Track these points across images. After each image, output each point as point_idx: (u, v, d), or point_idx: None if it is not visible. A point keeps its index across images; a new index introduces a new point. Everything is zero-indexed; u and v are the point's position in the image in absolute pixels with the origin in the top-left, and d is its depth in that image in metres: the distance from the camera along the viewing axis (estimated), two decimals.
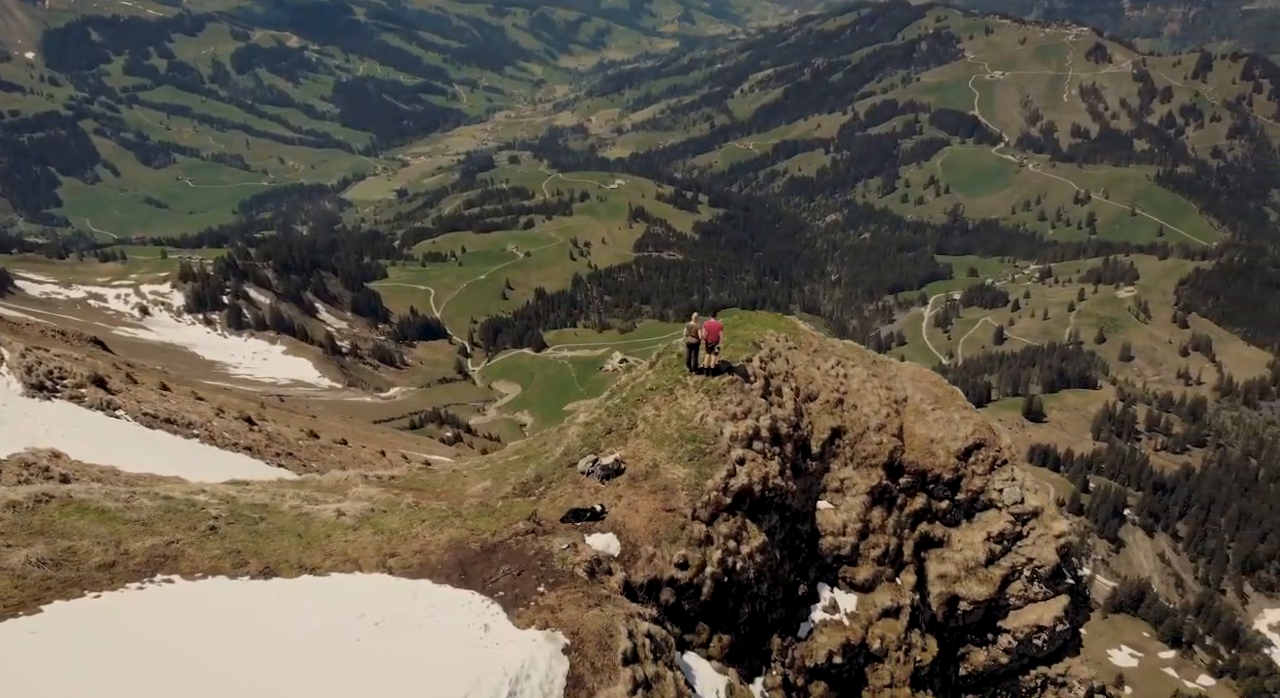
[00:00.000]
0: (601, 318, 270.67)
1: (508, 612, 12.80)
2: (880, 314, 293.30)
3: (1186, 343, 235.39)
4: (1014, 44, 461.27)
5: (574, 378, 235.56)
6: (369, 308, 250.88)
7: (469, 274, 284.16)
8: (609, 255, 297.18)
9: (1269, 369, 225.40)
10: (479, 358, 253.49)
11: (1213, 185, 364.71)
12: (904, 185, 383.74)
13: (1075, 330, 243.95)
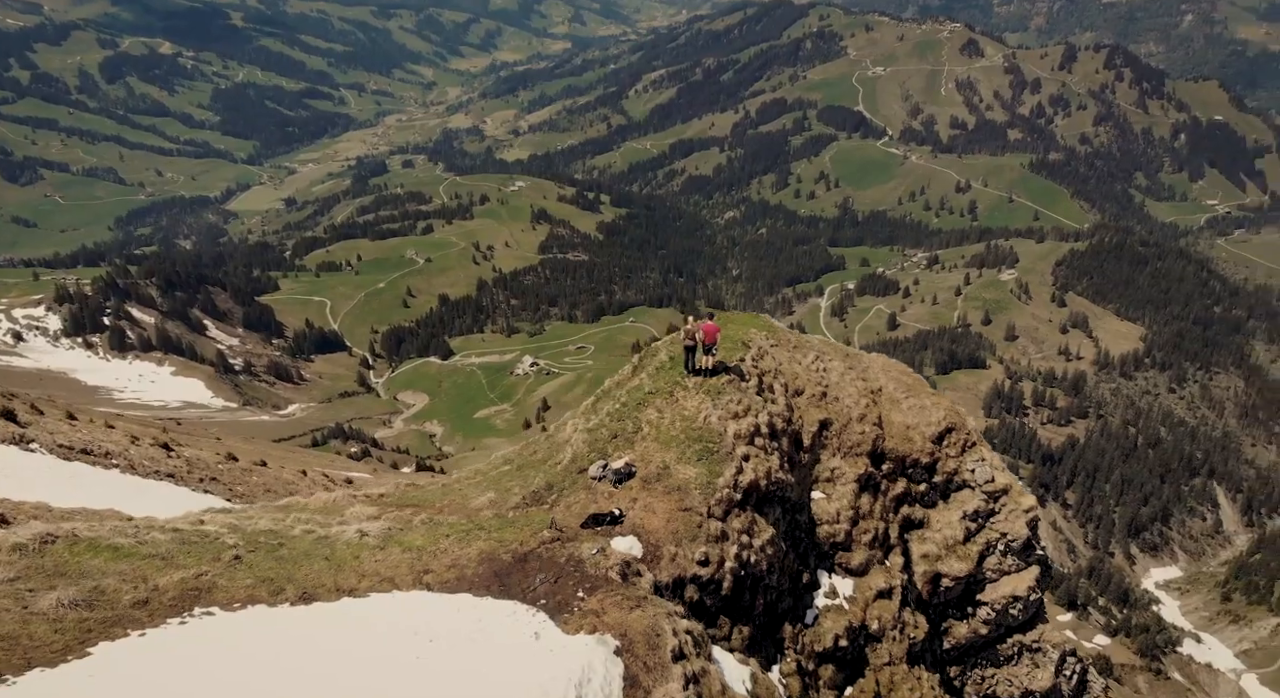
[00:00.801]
0: (509, 322, 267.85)
1: (553, 619, 12.95)
2: (780, 306, 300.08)
3: (1065, 321, 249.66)
4: (893, 41, 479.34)
5: (484, 384, 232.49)
6: (261, 323, 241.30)
7: (367, 283, 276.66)
8: (513, 258, 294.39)
9: (1141, 342, 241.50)
10: (382, 369, 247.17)
11: (1082, 171, 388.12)
12: (796, 181, 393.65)
13: (963, 314, 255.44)
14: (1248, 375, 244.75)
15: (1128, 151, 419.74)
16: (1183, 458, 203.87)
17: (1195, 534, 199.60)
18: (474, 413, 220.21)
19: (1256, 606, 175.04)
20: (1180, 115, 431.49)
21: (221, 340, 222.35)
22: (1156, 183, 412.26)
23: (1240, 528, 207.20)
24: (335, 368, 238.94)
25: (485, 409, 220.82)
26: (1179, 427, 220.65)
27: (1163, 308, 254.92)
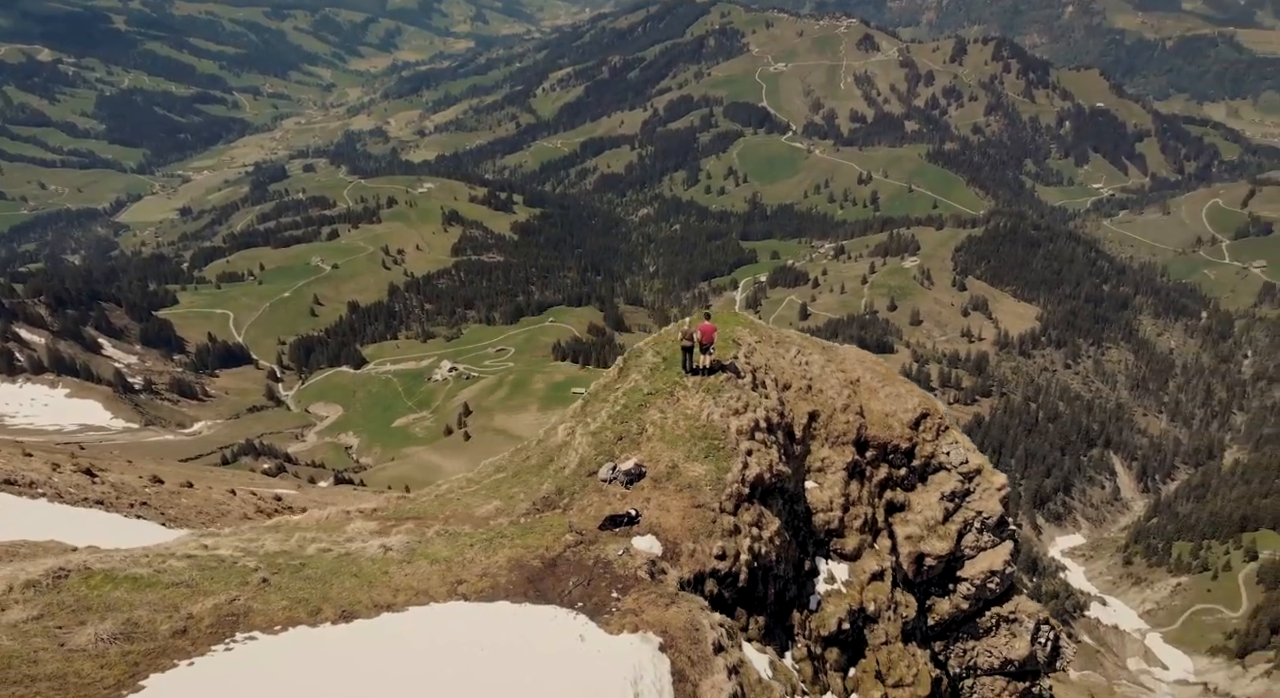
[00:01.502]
0: (424, 327, 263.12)
1: (594, 620, 13.18)
2: (697, 301, 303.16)
3: (966, 304, 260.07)
4: (793, 37, 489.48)
5: (400, 392, 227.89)
6: (161, 339, 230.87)
7: (271, 293, 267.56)
8: (425, 262, 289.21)
9: (1038, 322, 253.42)
10: (292, 381, 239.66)
11: (975, 159, 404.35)
12: (706, 177, 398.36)
13: (870, 301, 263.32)
14: (1136, 349, 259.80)
15: (1017, 139, 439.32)
16: (1080, 430, 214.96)
17: (1096, 503, 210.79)
18: (391, 422, 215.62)
19: (1156, 567, 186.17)
20: (1065, 103, 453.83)
21: (119, 359, 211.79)
22: (1045, 169, 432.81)
23: (1137, 494, 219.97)
24: (242, 382, 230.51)
25: (403, 417, 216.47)
26: (1076, 401, 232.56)
27: (1056, 288, 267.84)
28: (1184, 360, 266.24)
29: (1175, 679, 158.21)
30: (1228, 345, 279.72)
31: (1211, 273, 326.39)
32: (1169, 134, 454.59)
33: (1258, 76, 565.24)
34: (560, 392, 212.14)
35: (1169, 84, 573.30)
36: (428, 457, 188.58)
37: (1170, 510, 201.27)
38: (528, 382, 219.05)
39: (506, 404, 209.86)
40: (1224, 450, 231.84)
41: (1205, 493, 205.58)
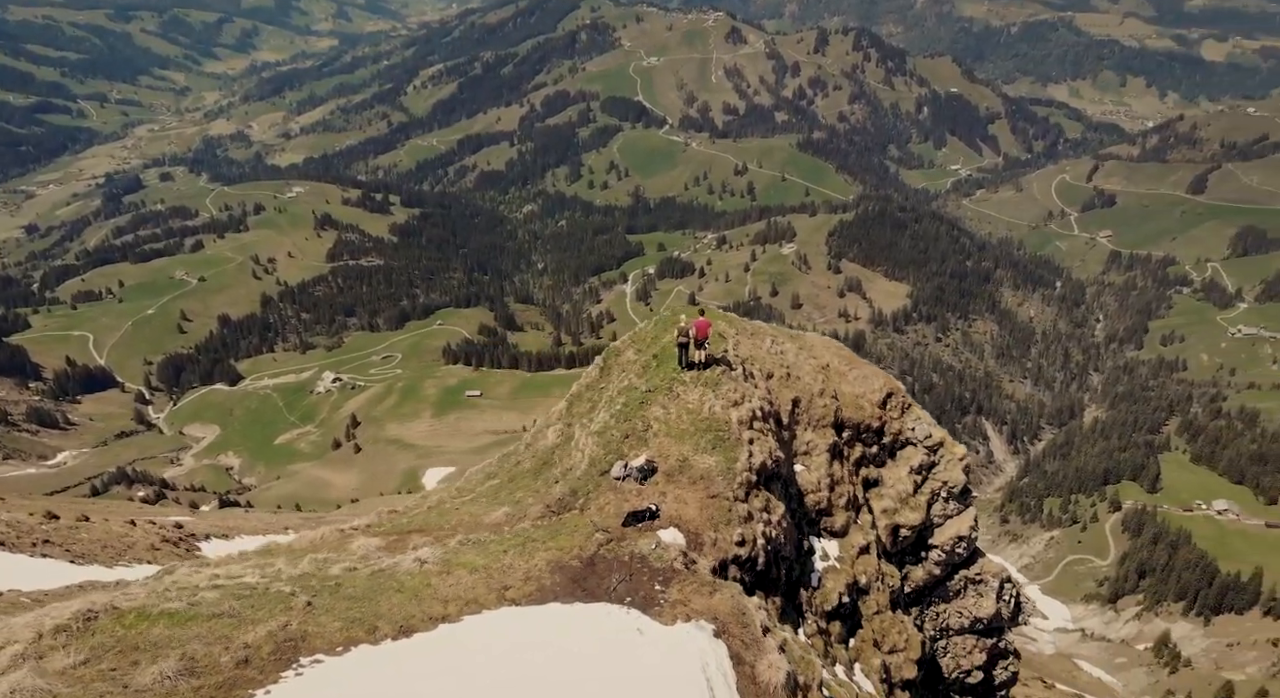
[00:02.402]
0: (303, 338, 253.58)
1: (646, 613, 13.45)
2: (588, 295, 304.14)
3: (842, 286, 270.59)
4: (663, 31, 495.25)
5: (282, 407, 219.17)
6: (14, 366, 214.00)
7: (133, 311, 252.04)
8: (299, 269, 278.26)
9: (908, 299, 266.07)
10: (162, 403, 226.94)
11: (843, 147, 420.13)
12: (589, 172, 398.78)
13: (753, 288, 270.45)
14: (1000, 320, 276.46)
15: (880, 126, 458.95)
16: (954, 399, 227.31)
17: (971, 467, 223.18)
18: (274, 439, 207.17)
19: (1030, 523, 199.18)
20: (922, 90, 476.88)
21: None
22: (907, 153, 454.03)
23: (1008, 456, 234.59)
24: (107, 407, 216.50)
25: (287, 433, 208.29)
26: (948, 372, 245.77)
27: (923, 266, 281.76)
28: (1043, 328, 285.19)
29: (1055, 628, 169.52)
30: (1081, 312, 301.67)
31: (1063, 244, 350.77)
32: (1018, 115, 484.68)
33: (1095, 58, 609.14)
34: (454, 396, 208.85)
35: (1015, 68, 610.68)
36: (317, 473, 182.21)
37: (1039, 470, 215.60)
38: (419, 388, 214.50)
39: (397, 413, 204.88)
40: (1084, 410, 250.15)
41: (1070, 451, 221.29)
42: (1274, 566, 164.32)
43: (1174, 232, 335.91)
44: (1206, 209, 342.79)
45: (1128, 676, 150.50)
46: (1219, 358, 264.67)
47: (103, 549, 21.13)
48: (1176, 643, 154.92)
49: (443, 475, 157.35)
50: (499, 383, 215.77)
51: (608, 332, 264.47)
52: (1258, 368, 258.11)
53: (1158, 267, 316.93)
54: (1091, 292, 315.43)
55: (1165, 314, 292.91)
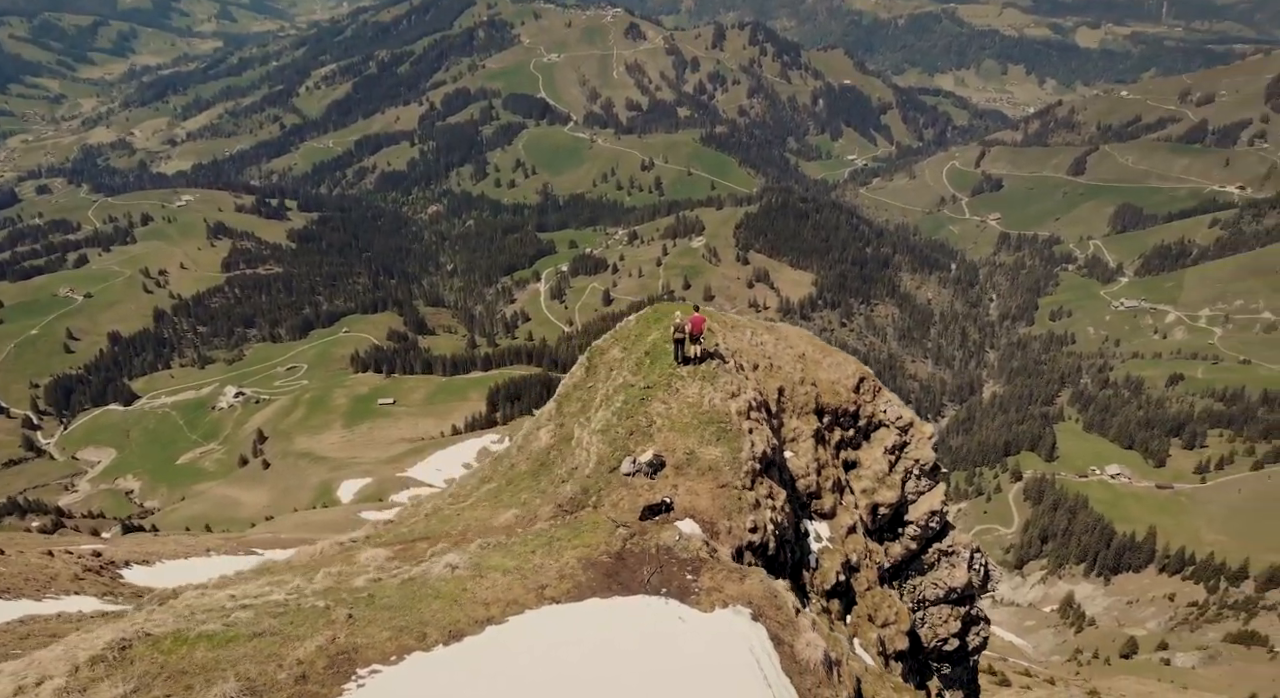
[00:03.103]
0: (200, 352, 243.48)
1: (684, 602, 13.84)
2: (502, 296, 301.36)
3: (750, 276, 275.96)
4: (562, 27, 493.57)
5: (182, 426, 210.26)
6: None
7: (15, 332, 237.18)
8: (193, 281, 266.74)
9: (814, 287, 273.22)
10: (52, 427, 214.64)
11: (744, 140, 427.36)
12: (495, 170, 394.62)
13: (666, 281, 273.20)
14: (900, 303, 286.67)
15: (779, 119, 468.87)
16: None
17: None
18: (176, 459, 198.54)
19: None
20: (816, 82, 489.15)
21: None
22: (805, 145, 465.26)
23: None
24: None
25: (189, 453, 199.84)
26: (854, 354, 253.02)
27: (826, 255, 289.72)
28: (940, 309, 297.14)
29: None
30: (975, 292, 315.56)
31: (956, 228, 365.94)
32: (908, 105, 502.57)
33: (978, 48, 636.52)
34: (366, 405, 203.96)
35: (904, 59, 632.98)
36: (224, 492, 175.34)
37: (944, 445, 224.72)
38: (328, 398, 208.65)
39: (307, 425, 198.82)
40: (982, 386, 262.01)
41: (971, 426, 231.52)
42: (1166, 525, 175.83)
43: (1058, 212, 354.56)
44: (1087, 189, 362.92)
45: (1037, 637, 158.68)
46: (1104, 330, 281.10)
47: (26, 582, 20.24)
48: (1080, 604, 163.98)
49: (359, 488, 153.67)
50: (412, 389, 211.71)
51: (523, 332, 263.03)
52: (1140, 338, 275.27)
53: (1044, 246, 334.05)
54: (984, 272, 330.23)
55: (1053, 291, 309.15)
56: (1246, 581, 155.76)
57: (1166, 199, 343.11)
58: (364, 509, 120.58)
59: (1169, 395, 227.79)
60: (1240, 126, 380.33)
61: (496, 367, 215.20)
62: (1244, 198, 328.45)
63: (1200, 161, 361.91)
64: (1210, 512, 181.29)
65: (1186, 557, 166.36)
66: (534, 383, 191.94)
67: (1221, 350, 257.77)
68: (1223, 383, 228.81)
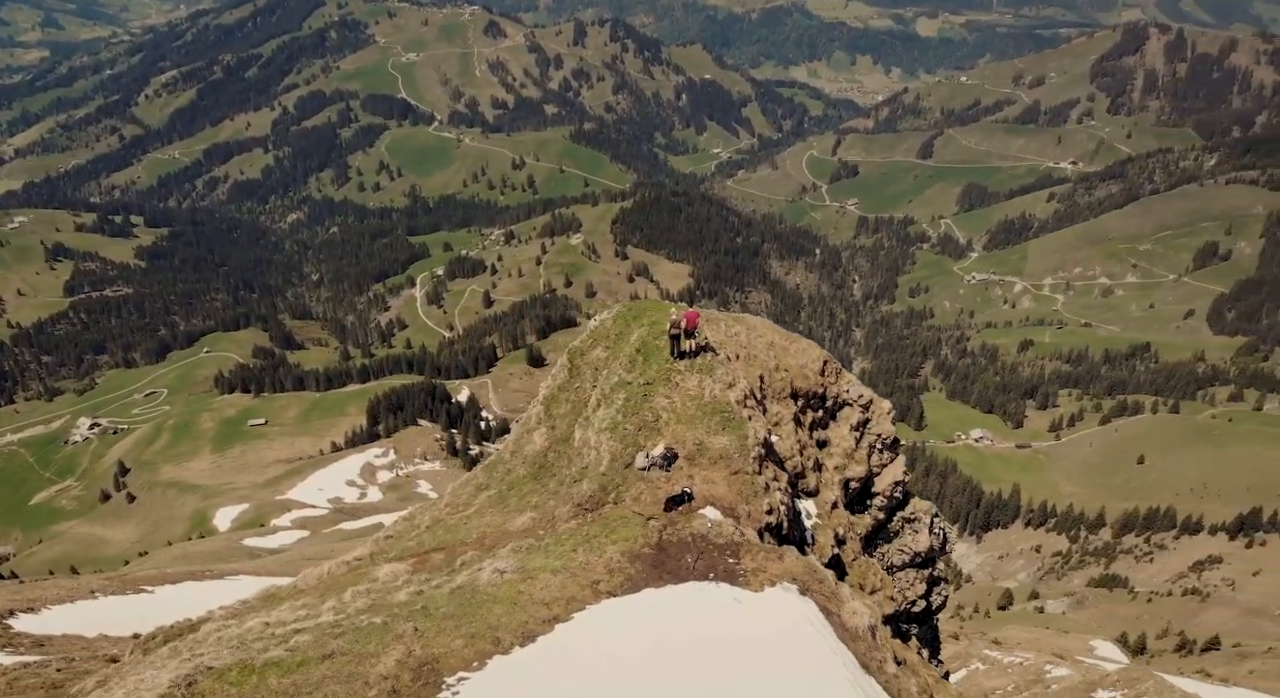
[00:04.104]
0: (46, 383, 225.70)
1: (733, 584, 14.39)
2: (375, 303, 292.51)
3: (630, 271, 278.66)
4: (418, 26, 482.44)
5: (33, 463, 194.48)
6: None
7: None
8: (33, 308, 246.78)
9: (691, 278, 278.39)
10: None
11: (614, 136, 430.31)
12: (357, 174, 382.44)
13: (547, 280, 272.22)
14: (772, 289, 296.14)
15: (645, 115, 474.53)
16: None
17: None
18: (29, 499, 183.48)
19: None
20: (678, 78, 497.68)
21: None
22: (672, 139, 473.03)
23: None
24: None
25: (44, 492, 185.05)
26: None
27: (700, 246, 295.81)
28: (809, 292, 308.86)
29: None
30: (839, 275, 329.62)
31: (818, 215, 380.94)
32: (766, 98, 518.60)
33: (827, 40, 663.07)
34: (236, 427, 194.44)
35: (759, 52, 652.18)
36: (87, 530, 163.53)
37: None
38: (193, 423, 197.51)
39: (172, 453, 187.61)
40: (852, 363, 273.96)
41: None
42: (1028, 482, 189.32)
43: (910, 194, 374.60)
44: (935, 172, 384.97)
45: None
46: (959, 303, 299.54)
47: None
48: (957, 562, 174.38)
49: (236, 514, 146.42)
50: (285, 408, 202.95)
51: (400, 340, 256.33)
52: (992, 309, 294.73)
53: (900, 227, 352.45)
54: (846, 255, 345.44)
55: (910, 269, 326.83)
56: (1104, 528, 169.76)
57: (1007, 177, 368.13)
58: (247, 537, 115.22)
59: (1021, 361, 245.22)
60: (1069, 106, 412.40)
61: (375, 378, 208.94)
62: (1076, 172, 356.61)
63: (1036, 140, 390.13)
64: (1066, 467, 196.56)
65: (1049, 510, 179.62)
66: (417, 392, 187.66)
67: (1065, 316, 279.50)
68: (1068, 346, 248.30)
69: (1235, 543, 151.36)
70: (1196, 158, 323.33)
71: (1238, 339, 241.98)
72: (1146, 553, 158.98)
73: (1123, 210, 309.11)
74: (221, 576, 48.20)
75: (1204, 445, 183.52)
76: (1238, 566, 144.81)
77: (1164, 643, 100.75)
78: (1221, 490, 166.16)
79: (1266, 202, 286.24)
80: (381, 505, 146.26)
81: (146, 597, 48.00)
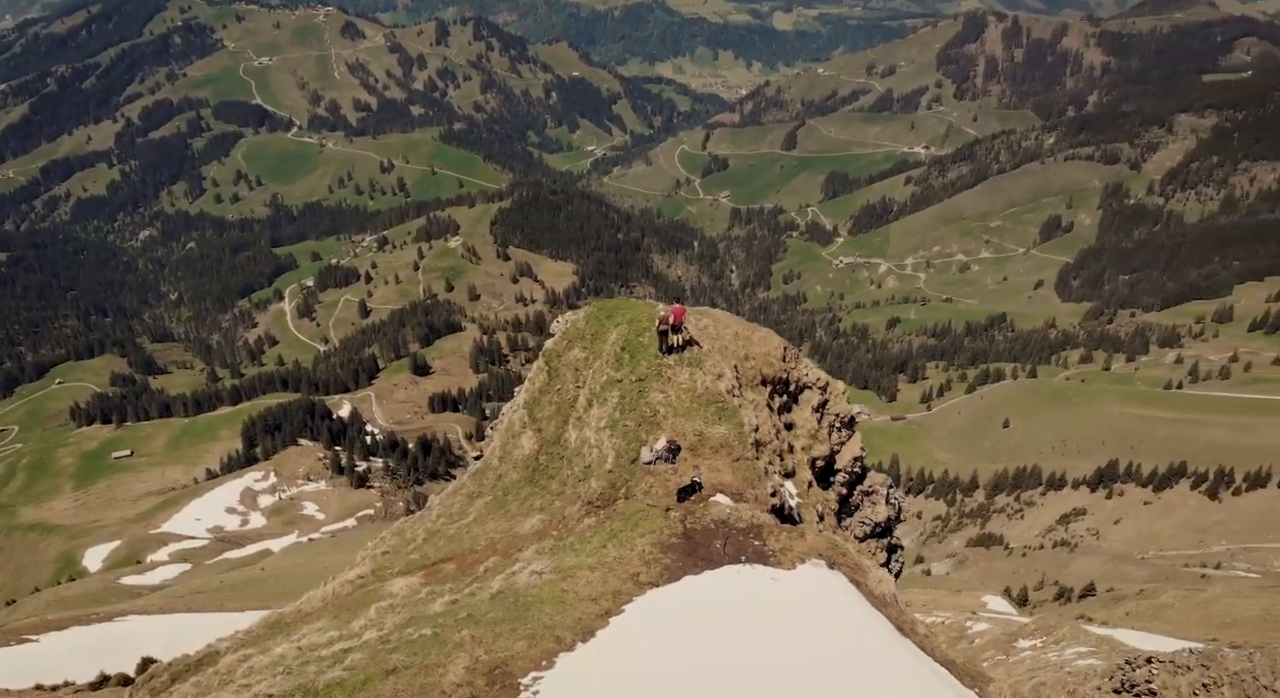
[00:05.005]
0: None
1: (766, 565, 14.94)
2: (240, 321, 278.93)
3: (513, 272, 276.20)
4: (270, 29, 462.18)
5: None
6: None
7: None
8: None
9: (576, 276, 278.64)
10: None
11: (485, 136, 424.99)
12: (213, 185, 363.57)
13: (427, 286, 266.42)
14: (655, 282, 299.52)
15: (516, 113, 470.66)
16: None
17: None
18: None
19: None
20: (547, 76, 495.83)
21: None
22: (545, 138, 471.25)
23: None
24: None
25: None
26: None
27: (582, 244, 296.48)
28: (690, 284, 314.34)
29: None
30: (717, 265, 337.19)
31: (693, 208, 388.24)
32: (635, 94, 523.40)
33: (690, 35, 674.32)
34: (98, 461, 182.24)
35: (624, 49, 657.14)
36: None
37: None
38: (50, 460, 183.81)
39: (29, 493, 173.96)
40: None
41: None
42: (905, 452, 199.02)
43: (778, 184, 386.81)
44: (800, 162, 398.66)
45: None
46: (830, 287, 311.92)
47: None
48: None
49: (108, 553, 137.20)
50: (152, 436, 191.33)
51: (271, 357, 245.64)
52: (860, 290, 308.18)
53: (770, 217, 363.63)
54: (722, 246, 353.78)
55: (783, 257, 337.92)
56: (977, 490, 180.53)
57: (867, 164, 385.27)
58: (124, 575, 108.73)
59: (890, 338, 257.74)
60: (919, 93, 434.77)
61: (248, 398, 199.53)
62: (929, 156, 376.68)
63: (891, 128, 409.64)
64: (939, 435, 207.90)
65: (926, 477, 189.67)
66: (295, 410, 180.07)
67: (927, 292, 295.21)
68: (932, 321, 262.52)
69: (1096, 495, 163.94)
70: (1037, 137, 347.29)
71: (1084, 305, 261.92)
72: (1018, 511, 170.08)
73: (973, 190, 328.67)
74: (110, 618, 45.43)
75: (1061, 406, 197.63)
76: (1100, 515, 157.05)
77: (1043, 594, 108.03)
78: (1079, 447, 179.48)
79: (1102, 175, 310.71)
80: (266, 531, 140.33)
81: (33, 647, 44.95)
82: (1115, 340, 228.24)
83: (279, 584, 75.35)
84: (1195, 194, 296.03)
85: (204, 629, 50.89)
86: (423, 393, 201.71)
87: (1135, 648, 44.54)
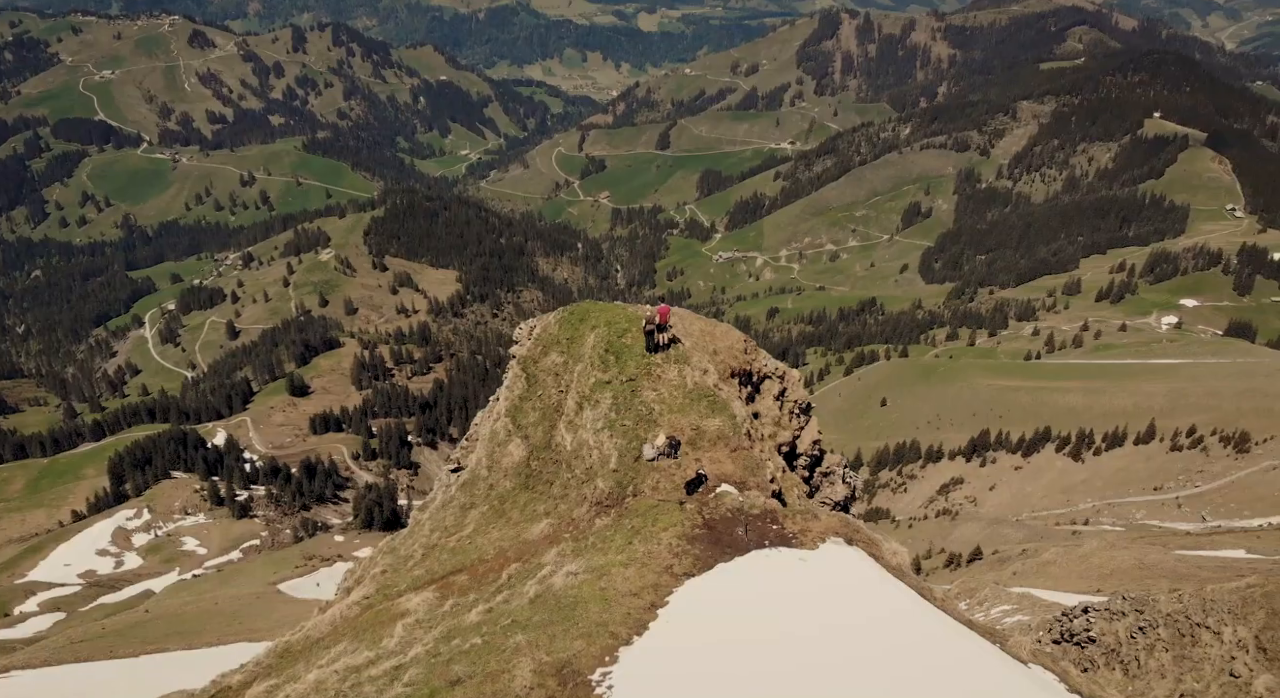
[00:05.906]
0: None
1: (789, 547, 15.58)
2: (97, 351, 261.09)
3: (392, 283, 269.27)
4: (110, 41, 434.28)
5: None
6: None
7: None
8: None
9: (459, 283, 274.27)
10: None
11: (352, 144, 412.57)
12: (56, 208, 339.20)
13: (299, 302, 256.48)
14: (542, 286, 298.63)
15: (383, 119, 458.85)
16: None
17: None
18: None
19: None
20: (413, 80, 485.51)
21: None
22: (416, 143, 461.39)
23: None
24: None
25: None
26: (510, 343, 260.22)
27: (464, 251, 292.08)
28: (577, 285, 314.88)
29: None
30: (603, 266, 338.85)
31: (574, 210, 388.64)
32: (506, 97, 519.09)
33: (557, 37, 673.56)
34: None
35: (492, 52, 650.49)
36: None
37: None
38: None
39: None
40: None
41: None
42: None
43: (655, 184, 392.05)
44: (674, 160, 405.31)
45: None
46: (711, 281, 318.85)
47: None
48: None
49: None
50: (7, 480, 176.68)
51: (134, 387, 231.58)
52: (739, 283, 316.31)
53: (650, 216, 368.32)
54: (606, 247, 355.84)
55: (665, 255, 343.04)
56: (862, 467, 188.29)
57: (737, 161, 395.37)
58: None
59: (771, 327, 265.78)
60: (782, 90, 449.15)
61: (112, 433, 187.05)
62: (795, 151, 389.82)
63: (758, 125, 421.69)
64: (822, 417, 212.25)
65: None
66: (165, 442, 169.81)
67: (802, 282, 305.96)
68: (808, 309, 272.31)
69: (971, 464, 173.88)
70: (894, 129, 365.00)
71: (946, 286, 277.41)
72: (901, 484, 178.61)
73: (838, 182, 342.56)
74: None
75: (932, 382, 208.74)
76: (976, 483, 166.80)
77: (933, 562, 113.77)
78: (953, 420, 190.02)
79: (955, 162, 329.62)
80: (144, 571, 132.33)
81: None
82: (977, 317, 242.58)
83: (170, 624, 71.57)
84: (1040, 176, 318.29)
85: (106, 678, 47.99)
86: (303, 414, 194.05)
87: (1054, 602, 48.18)
